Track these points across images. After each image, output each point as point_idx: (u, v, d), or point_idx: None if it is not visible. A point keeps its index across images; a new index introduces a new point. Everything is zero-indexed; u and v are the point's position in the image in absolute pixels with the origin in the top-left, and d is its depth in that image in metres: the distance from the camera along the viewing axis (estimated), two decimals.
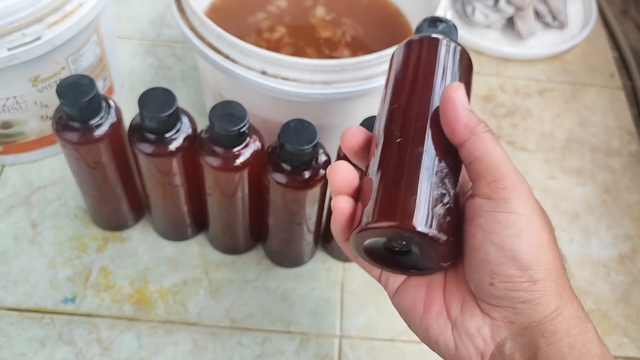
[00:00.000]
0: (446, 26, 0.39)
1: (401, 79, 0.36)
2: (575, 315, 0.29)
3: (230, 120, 0.45)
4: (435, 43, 0.36)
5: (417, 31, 0.39)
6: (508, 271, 0.28)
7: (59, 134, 0.48)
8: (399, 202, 0.30)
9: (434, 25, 0.39)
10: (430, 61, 0.35)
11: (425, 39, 0.37)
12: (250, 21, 0.63)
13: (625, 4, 0.95)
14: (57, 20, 0.50)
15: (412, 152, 0.32)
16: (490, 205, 0.29)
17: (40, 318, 0.53)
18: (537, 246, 0.28)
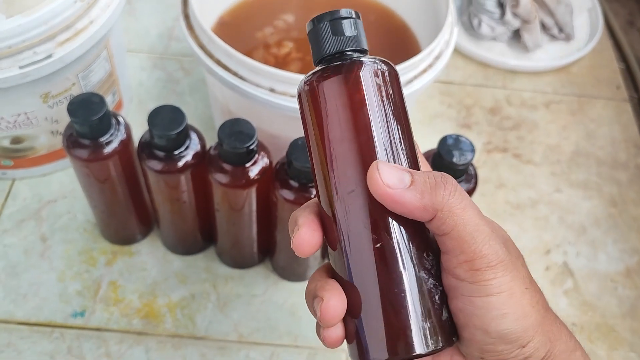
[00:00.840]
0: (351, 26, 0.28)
1: (339, 153, 0.28)
2: (564, 349, 0.29)
3: (239, 138, 0.45)
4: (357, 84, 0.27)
5: (316, 46, 0.29)
6: (497, 348, 0.27)
7: (69, 150, 0.48)
8: (393, 332, 0.27)
9: (338, 30, 0.28)
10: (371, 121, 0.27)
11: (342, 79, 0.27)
12: (258, 36, 0.64)
13: (631, 15, 0.95)
14: (68, 38, 0.51)
15: (394, 259, 0.27)
16: (467, 290, 0.27)
17: (50, 332, 0.54)
18: (522, 317, 0.27)
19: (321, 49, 0.29)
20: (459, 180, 0.49)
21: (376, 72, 0.28)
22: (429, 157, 0.50)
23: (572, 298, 0.61)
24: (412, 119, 0.30)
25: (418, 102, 0.74)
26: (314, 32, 0.29)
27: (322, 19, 0.28)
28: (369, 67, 0.28)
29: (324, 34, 0.28)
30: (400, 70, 0.50)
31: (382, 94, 0.28)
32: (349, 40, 0.28)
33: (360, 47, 0.29)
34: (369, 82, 0.27)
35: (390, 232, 0.27)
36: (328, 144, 0.28)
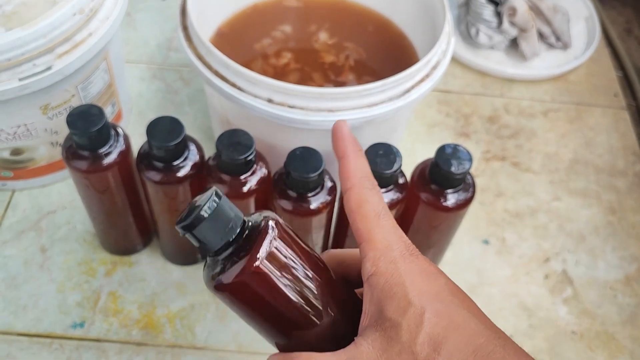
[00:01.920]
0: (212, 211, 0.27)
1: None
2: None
3: (237, 148, 0.45)
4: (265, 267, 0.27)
5: (200, 245, 0.28)
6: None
7: (68, 162, 0.48)
8: None
9: (206, 230, 0.28)
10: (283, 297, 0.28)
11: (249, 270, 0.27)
12: (256, 47, 0.64)
13: (628, 23, 0.96)
14: (67, 50, 0.51)
15: None
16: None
17: (49, 343, 0.54)
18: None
19: (205, 249, 0.29)
20: (456, 189, 0.49)
21: (268, 250, 0.27)
22: (426, 167, 0.50)
23: (572, 306, 0.61)
24: (410, 128, 0.31)
25: (416, 111, 0.75)
26: (197, 233, 0.28)
27: (185, 227, 0.28)
28: (264, 249, 0.27)
29: (197, 241, 0.28)
30: (398, 79, 0.50)
31: (279, 265, 0.28)
32: (221, 232, 0.28)
33: (228, 239, 0.28)
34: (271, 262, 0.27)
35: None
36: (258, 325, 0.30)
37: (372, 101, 0.50)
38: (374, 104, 0.51)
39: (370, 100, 0.50)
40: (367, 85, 0.49)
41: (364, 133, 0.55)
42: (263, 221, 0.28)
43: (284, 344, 0.30)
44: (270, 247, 0.27)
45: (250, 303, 0.28)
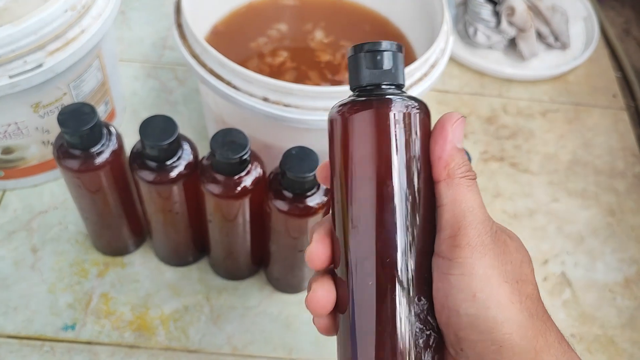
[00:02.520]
0: (390, 60, 0.28)
1: (351, 186, 0.28)
2: (559, 356, 0.28)
3: (231, 148, 0.45)
4: (379, 124, 0.27)
5: (353, 74, 0.29)
6: (471, 336, 0.27)
7: (60, 161, 0.47)
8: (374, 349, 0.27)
9: (375, 64, 0.28)
10: (388, 152, 0.27)
11: (372, 113, 0.27)
12: (252, 46, 0.63)
13: (627, 23, 0.95)
14: (58, 47, 0.50)
15: (384, 299, 0.28)
16: (445, 266, 0.27)
17: (40, 346, 0.53)
18: (495, 306, 0.26)
19: (356, 79, 0.29)
20: None
21: (404, 112, 0.28)
22: None
23: (571, 309, 0.60)
24: None
25: None
26: (352, 59, 0.29)
27: (361, 48, 0.28)
28: (397, 105, 0.28)
29: (361, 64, 0.29)
30: None
31: (407, 134, 0.28)
32: (384, 74, 0.28)
33: (396, 82, 0.29)
34: (394, 121, 0.27)
35: (395, 265, 0.28)
36: (348, 173, 0.28)
37: None
38: None
39: None
40: None
41: None
42: (419, 102, 0.29)
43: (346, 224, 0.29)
44: (411, 112, 0.28)
45: (357, 144, 0.28)
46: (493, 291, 0.26)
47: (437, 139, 0.28)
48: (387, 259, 0.28)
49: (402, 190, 0.28)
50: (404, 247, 0.28)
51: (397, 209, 0.28)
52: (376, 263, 0.28)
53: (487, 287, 0.26)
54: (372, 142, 0.27)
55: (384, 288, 0.28)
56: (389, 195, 0.27)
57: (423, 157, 0.28)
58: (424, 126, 0.29)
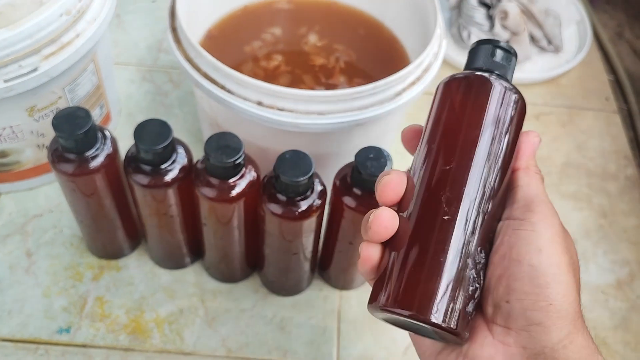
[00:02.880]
0: (506, 57, 0.35)
1: (450, 135, 0.33)
2: (586, 346, 0.29)
3: (225, 152, 0.45)
4: (488, 92, 0.33)
5: (472, 59, 0.36)
6: (524, 287, 0.28)
7: (54, 165, 0.48)
8: (420, 288, 0.29)
9: (493, 54, 0.35)
10: (485, 123, 0.32)
11: (481, 87, 0.33)
12: (246, 50, 0.63)
13: (620, 27, 0.96)
14: (53, 51, 0.50)
15: (452, 234, 0.30)
16: (516, 224, 0.30)
17: (34, 349, 0.53)
18: (556, 265, 0.28)
19: (474, 62, 0.35)
20: None
21: (513, 91, 0.34)
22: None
23: None
24: None
25: (408, 115, 0.74)
26: (476, 49, 0.35)
27: (488, 42, 0.35)
28: (500, 88, 0.33)
29: (484, 53, 0.35)
30: (389, 82, 0.50)
31: (506, 110, 0.33)
32: (499, 65, 0.34)
33: (505, 76, 0.34)
34: (495, 98, 0.33)
35: (464, 212, 0.31)
36: (449, 127, 0.33)
37: (363, 104, 0.50)
38: (364, 107, 0.50)
39: (361, 103, 0.50)
40: (358, 88, 0.49)
41: (354, 136, 0.54)
42: (519, 93, 0.35)
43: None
44: (517, 94, 0.34)
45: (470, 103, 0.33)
46: (557, 252, 0.29)
47: (529, 136, 0.34)
48: (468, 201, 0.31)
49: (491, 151, 0.32)
50: (483, 196, 0.31)
51: (484, 164, 0.32)
52: (461, 202, 0.31)
53: (552, 247, 0.29)
54: (482, 104, 0.33)
55: (457, 225, 0.30)
56: (484, 149, 0.32)
57: (513, 137, 0.33)
58: (520, 113, 0.34)
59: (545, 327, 0.28)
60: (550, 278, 0.28)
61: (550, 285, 0.28)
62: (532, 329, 0.28)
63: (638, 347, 0.59)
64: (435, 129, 0.34)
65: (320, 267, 0.59)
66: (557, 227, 0.31)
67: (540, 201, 0.31)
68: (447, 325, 0.29)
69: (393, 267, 0.31)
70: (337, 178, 0.49)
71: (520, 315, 0.29)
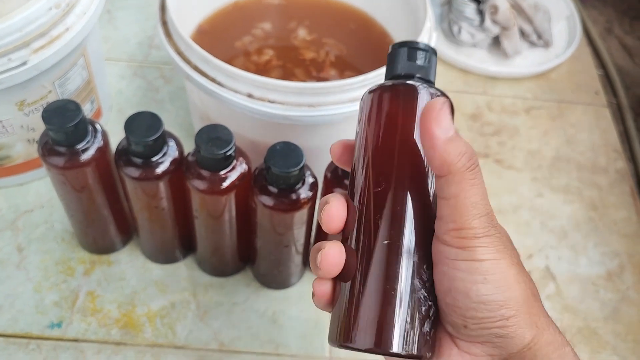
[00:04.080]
0: (425, 58, 0.32)
1: (378, 154, 0.31)
2: (552, 341, 0.29)
3: (216, 143, 0.45)
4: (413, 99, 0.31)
5: (391, 64, 0.33)
6: (478, 314, 0.28)
7: (45, 158, 0.47)
8: (377, 321, 0.28)
9: (412, 57, 0.32)
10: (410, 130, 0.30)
11: (400, 94, 0.31)
12: (237, 45, 0.63)
13: (609, 22, 0.97)
14: (43, 45, 0.50)
15: (395, 259, 0.29)
16: (452, 254, 0.28)
17: (26, 344, 0.53)
18: (505, 287, 0.28)
19: (393, 68, 0.33)
20: None
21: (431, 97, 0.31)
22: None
23: (554, 302, 0.61)
24: None
25: None
26: (392, 53, 0.33)
27: (403, 44, 0.32)
28: (424, 94, 0.31)
29: (401, 57, 0.32)
30: (379, 74, 0.50)
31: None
32: (418, 68, 0.32)
33: (427, 78, 0.32)
34: (419, 107, 0.30)
35: (401, 233, 0.29)
36: (373, 146, 0.31)
37: (353, 96, 0.50)
38: (355, 99, 0.50)
39: (352, 95, 0.50)
40: (348, 80, 0.49)
41: (345, 128, 0.54)
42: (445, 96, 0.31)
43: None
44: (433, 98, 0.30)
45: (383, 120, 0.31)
46: (502, 273, 0.28)
47: (424, 137, 0.28)
48: (408, 220, 0.29)
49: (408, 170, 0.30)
50: (422, 211, 0.30)
51: (409, 184, 0.30)
52: (400, 222, 0.29)
53: (495, 270, 0.28)
54: (399, 120, 0.30)
55: (399, 248, 0.29)
56: (403, 170, 0.30)
57: None
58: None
59: (508, 338, 0.28)
60: (502, 300, 0.27)
61: (503, 306, 0.28)
62: (495, 341, 0.28)
63: (628, 337, 0.59)
64: (364, 147, 0.32)
65: None
66: (495, 241, 0.28)
67: (472, 219, 0.27)
68: (407, 353, 0.28)
69: (343, 300, 0.30)
70: (328, 170, 0.49)
71: (481, 334, 0.28)
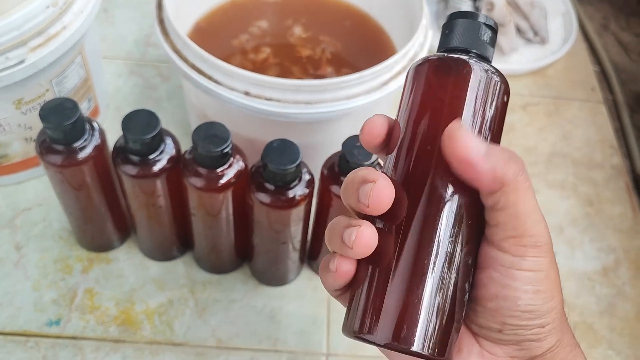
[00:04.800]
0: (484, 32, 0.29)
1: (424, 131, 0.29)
2: (569, 343, 0.30)
3: (213, 141, 0.45)
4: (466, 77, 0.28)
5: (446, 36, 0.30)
6: (519, 322, 0.28)
7: (42, 156, 0.48)
8: (404, 315, 0.27)
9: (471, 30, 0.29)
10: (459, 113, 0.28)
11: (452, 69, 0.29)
12: (234, 43, 0.64)
13: (605, 19, 0.97)
14: (40, 43, 0.50)
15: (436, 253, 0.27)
16: (506, 261, 0.27)
17: (24, 341, 0.53)
18: (550, 297, 0.28)
19: (448, 40, 0.30)
20: None
21: (486, 78, 0.28)
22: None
23: None
24: None
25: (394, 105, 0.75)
26: (448, 24, 0.30)
27: (462, 15, 0.30)
28: (477, 70, 0.28)
29: (456, 29, 0.30)
30: (375, 72, 0.50)
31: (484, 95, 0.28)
32: (476, 43, 0.29)
33: (484, 54, 0.30)
34: (476, 82, 0.28)
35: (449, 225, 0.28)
36: (423, 110, 0.29)
37: (349, 93, 0.50)
38: (351, 96, 0.50)
39: (348, 92, 0.50)
40: (345, 77, 0.49)
41: (341, 125, 0.54)
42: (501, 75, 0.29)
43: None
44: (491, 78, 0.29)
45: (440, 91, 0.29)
46: (551, 284, 0.28)
47: (461, 167, 0.27)
48: (451, 216, 0.27)
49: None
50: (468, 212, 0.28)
51: None
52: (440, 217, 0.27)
53: (548, 282, 0.28)
54: (452, 92, 0.28)
55: (442, 243, 0.27)
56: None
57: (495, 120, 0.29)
58: (503, 98, 0.29)
59: (538, 342, 0.29)
60: (545, 311, 0.28)
61: (544, 315, 0.28)
62: (524, 344, 0.29)
63: (624, 332, 0.60)
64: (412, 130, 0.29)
65: (309, 257, 0.59)
66: (549, 254, 0.28)
67: (532, 226, 0.27)
68: (429, 353, 0.27)
69: (368, 288, 0.28)
70: (324, 167, 0.50)
71: (513, 339, 0.29)
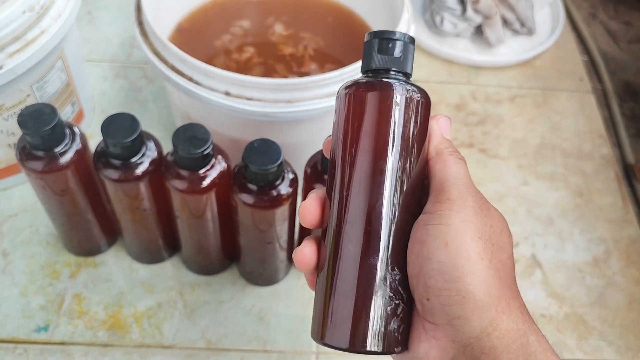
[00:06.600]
0: (400, 48, 0.30)
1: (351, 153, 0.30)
2: (514, 329, 0.28)
3: (193, 143, 0.45)
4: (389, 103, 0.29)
5: (366, 57, 0.31)
6: (438, 284, 0.28)
7: (23, 163, 0.47)
8: (351, 322, 0.29)
9: (387, 49, 0.30)
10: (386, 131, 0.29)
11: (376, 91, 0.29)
12: (217, 44, 0.63)
13: (593, 8, 0.96)
14: (18, 48, 0.50)
15: (364, 262, 0.29)
16: (426, 218, 0.29)
17: (13, 348, 0.53)
18: (464, 257, 0.28)
19: (368, 62, 0.31)
20: None
21: (406, 96, 0.29)
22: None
23: (541, 289, 0.61)
24: None
25: None
26: (366, 44, 0.31)
27: (376, 35, 0.31)
28: (400, 91, 0.29)
29: (374, 50, 0.30)
30: (357, 68, 0.50)
31: (404, 116, 0.29)
32: (394, 61, 0.30)
33: (404, 70, 0.30)
34: (394, 103, 0.29)
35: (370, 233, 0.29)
36: (349, 145, 0.30)
37: (331, 91, 0.50)
38: (333, 93, 0.50)
39: (330, 89, 0.50)
40: (325, 75, 0.49)
41: (324, 123, 0.54)
42: (421, 92, 0.30)
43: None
44: (412, 96, 0.30)
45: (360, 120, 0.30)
46: (465, 242, 0.28)
47: (436, 120, 0.32)
48: (371, 226, 0.29)
49: (394, 168, 0.29)
50: (389, 218, 0.29)
51: (387, 183, 0.29)
52: (363, 228, 0.29)
53: (459, 237, 0.28)
54: (373, 120, 0.29)
55: (364, 253, 0.29)
56: (381, 170, 0.29)
57: (418, 140, 0.30)
58: (423, 112, 0.30)
59: (464, 319, 0.28)
60: (459, 271, 0.27)
61: (460, 278, 0.27)
62: (454, 323, 0.28)
63: (615, 322, 0.59)
64: (340, 146, 0.31)
65: None
66: (468, 210, 0.29)
67: (451, 186, 0.29)
68: (387, 350, 0.29)
69: (319, 299, 0.31)
70: (307, 166, 0.49)
71: (441, 311, 0.28)
